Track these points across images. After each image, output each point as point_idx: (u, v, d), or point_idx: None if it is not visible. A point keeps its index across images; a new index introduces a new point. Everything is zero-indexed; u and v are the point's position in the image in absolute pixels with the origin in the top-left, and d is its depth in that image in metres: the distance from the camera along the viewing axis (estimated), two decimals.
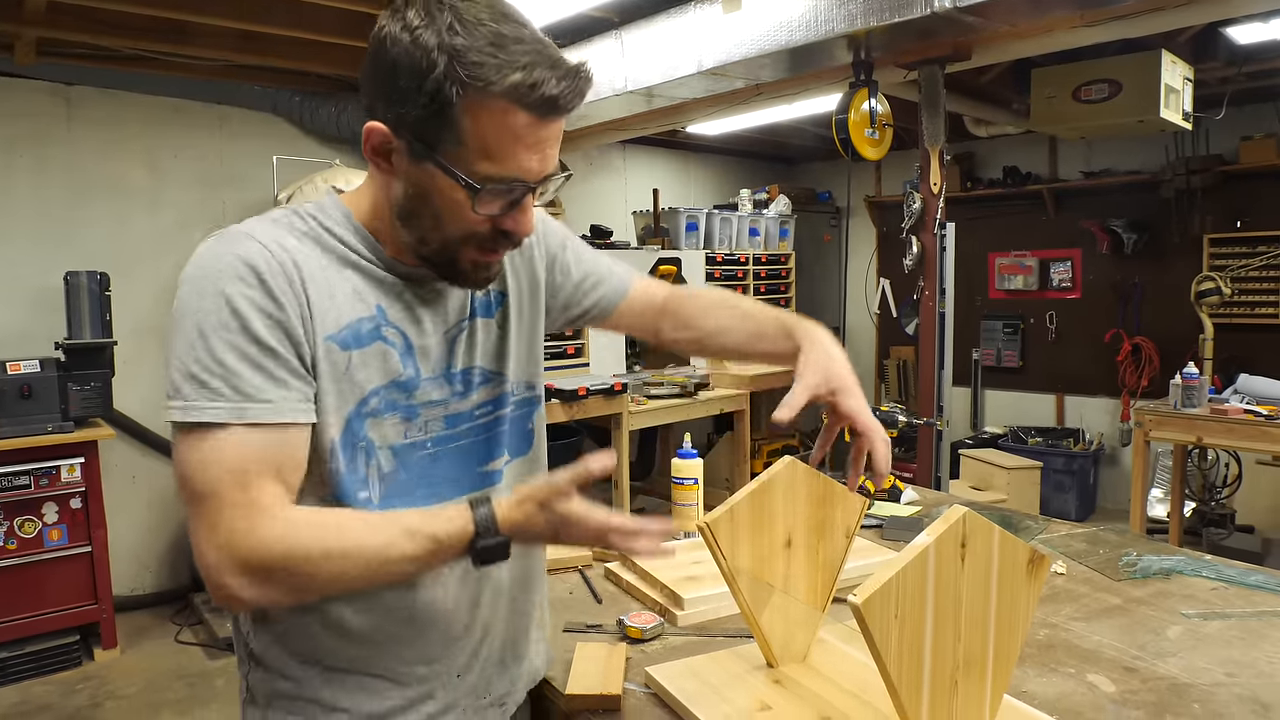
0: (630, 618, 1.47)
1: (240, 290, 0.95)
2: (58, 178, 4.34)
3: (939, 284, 3.83)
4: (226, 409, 0.93)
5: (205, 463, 0.93)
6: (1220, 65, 4.74)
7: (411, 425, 1.08)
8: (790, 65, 3.74)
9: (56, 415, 3.83)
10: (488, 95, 0.92)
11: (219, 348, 0.94)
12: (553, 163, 1.01)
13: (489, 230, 1.01)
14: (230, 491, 0.92)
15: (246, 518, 0.92)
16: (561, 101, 0.95)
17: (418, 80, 0.92)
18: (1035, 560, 1.03)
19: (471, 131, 0.94)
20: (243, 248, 0.97)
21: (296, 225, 1.04)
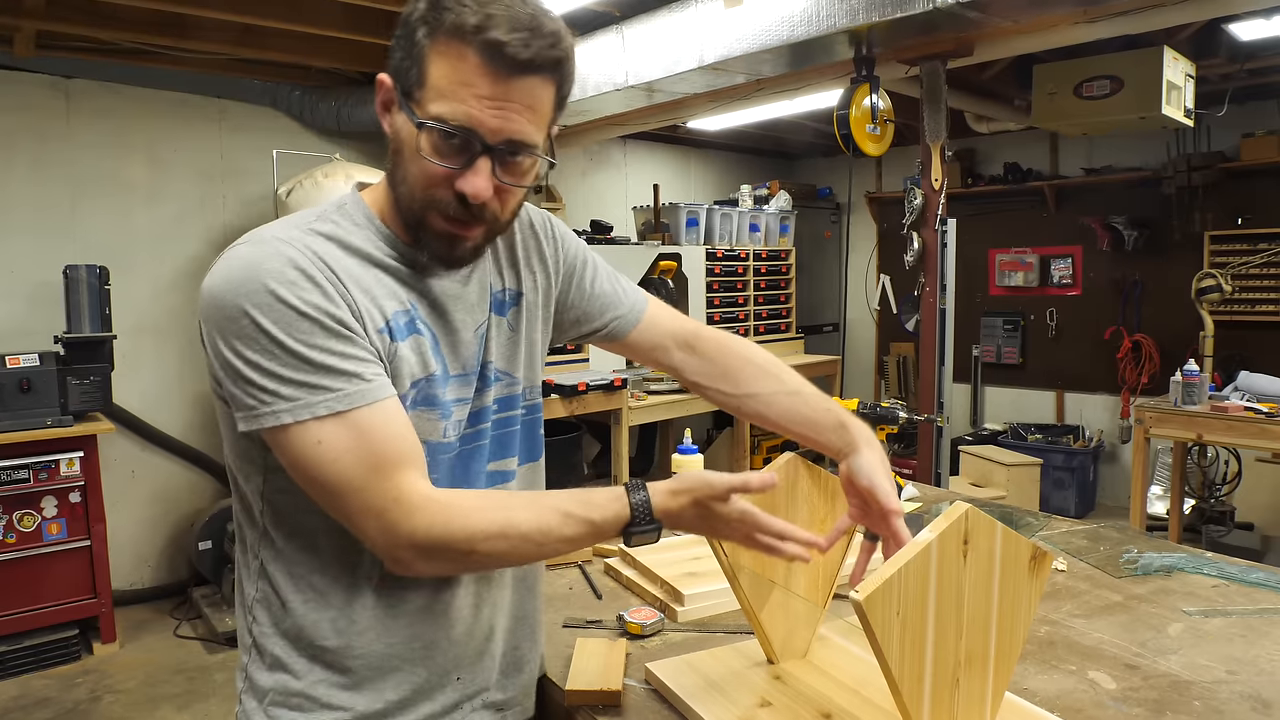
0: (630, 614, 1.46)
1: (298, 292, 0.95)
2: (57, 171, 4.33)
3: (940, 280, 3.83)
4: (336, 396, 0.95)
5: (335, 459, 0.95)
6: (1222, 62, 4.73)
7: (447, 424, 1.10)
8: (791, 60, 3.73)
9: (56, 409, 3.82)
10: (446, 36, 0.95)
11: (302, 349, 0.94)
12: (518, 130, 0.98)
13: (448, 193, 1.00)
14: (373, 484, 0.95)
15: (397, 510, 0.95)
16: (512, 52, 0.94)
17: (405, 25, 0.98)
18: (1037, 557, 1.03)
19: (431, 72, 0.96)
20: (282, 252, 0.97)
21: (321, 228, 1.04)
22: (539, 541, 1.00)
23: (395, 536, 0.96)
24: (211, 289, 0.97)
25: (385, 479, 0.95)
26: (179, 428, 4.74)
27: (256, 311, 0.94)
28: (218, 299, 0.96)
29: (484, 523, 0.98)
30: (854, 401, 2.41)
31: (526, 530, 0.99)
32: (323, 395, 0.95)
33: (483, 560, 1.02)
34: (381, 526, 0.96)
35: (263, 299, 0.94)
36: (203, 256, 4.76)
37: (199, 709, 3.51)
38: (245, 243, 1.00)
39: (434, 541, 0.96)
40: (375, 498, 0.95)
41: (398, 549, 0.97)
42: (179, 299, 4.70)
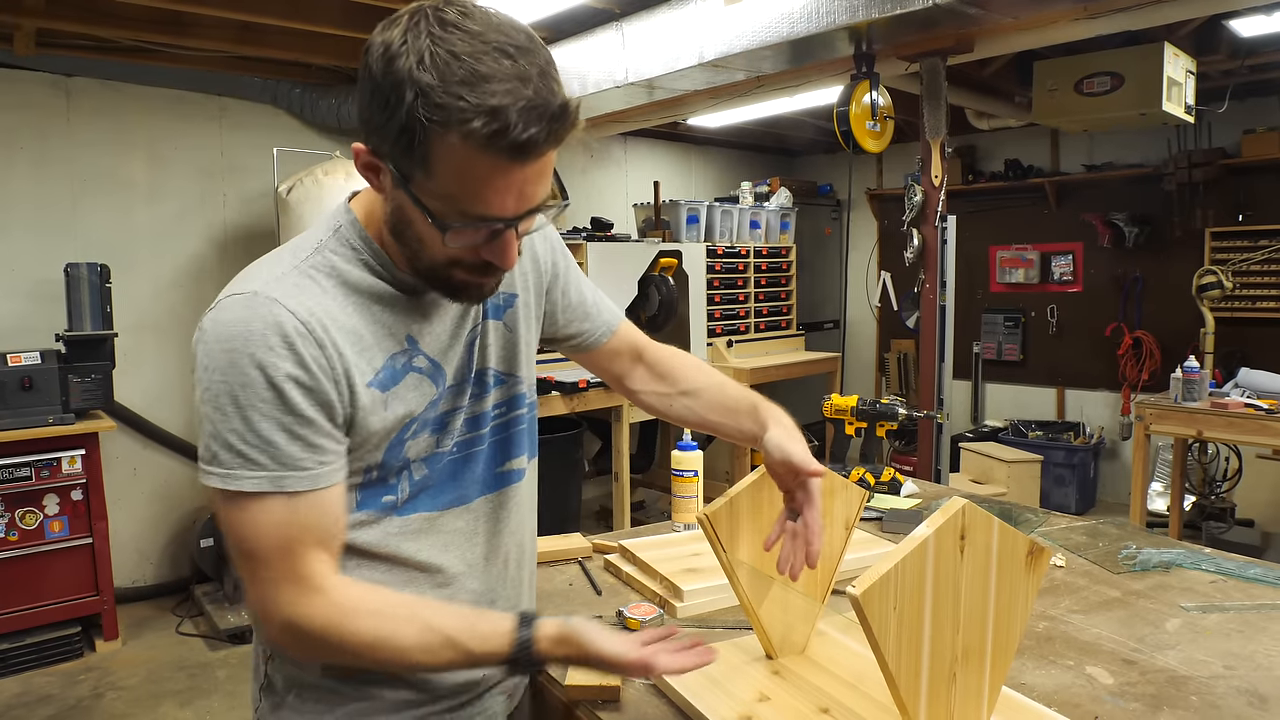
0: (629, 609, 1.47)
1: (273, 361, 0.95)
2: (57, 169, 4.33)
3: (940, 277, 3.83)
4: (267, 478, 0.95)
5: (251, 531, 0.96)
6: (1223, 58, 4.73)
7: (443, 435, 1.11)
8: (791, 57, 3.73)
9: (57, 407, 3.83)
10: (450, 138, 0.88)
11: (255, 419, 0.95)
12: (535, 198, 0.97)
13: (471, 254, 1.00)
14: (279, 560, 0.97)
15: (293, 588, 0.97)
16: (530, 147, 0.90)
17: (390, 112, 0.90)
18: (1035, 552, 1.03)
19: (440, 170, 0.91)
20: (271, 314, 0.96)
21: (318, 266, 1.03)
22: (415, 664, 1.03)
23: (276, 614, 0.97)
24: (203, 344, 0.97)
25: (290, 559, 0.97)
26: (180, 425, 4.74)
27: (229, 373, 0.94)
28: (205, 354, 0.96)
29: (368, 629, 0.98)
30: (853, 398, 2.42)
31: (407, 647, 1.00)
32: (256, 471, 0.95)
33: (355, 661, 1.03)
34: (267, 601, 0.97)
35: (239, 362, 0.94)
36: (204, 254, 4.76)
37: (201, 705, 3.52)
38: (242, 292, 0.98)
39: (311, 632, 0.98)
40: (274, 572, 0.97)
41: (272, 626, 0.99)
42: (180, 297, 4.70)
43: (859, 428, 2.42)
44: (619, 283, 5.12)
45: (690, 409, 1.40)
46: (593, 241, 5.00)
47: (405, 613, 1.01)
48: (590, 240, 5.00)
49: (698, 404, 1.39)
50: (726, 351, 5.82)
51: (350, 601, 0.99)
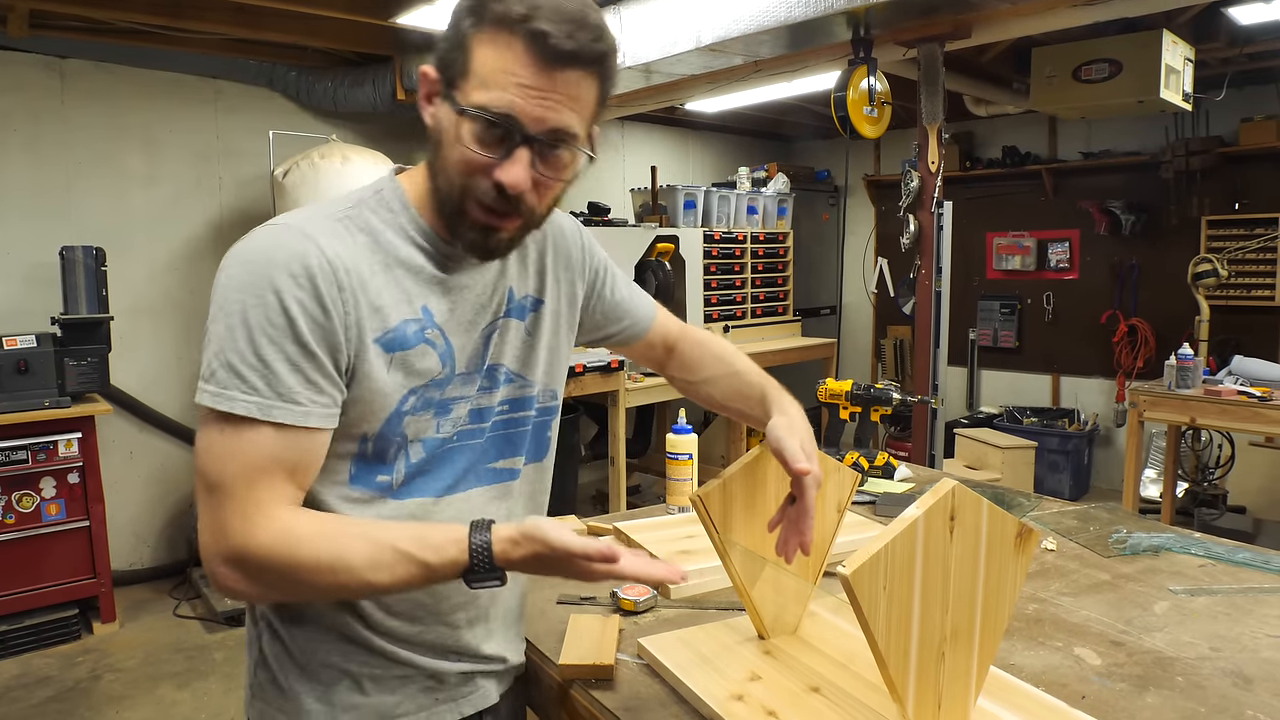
0: (623, 590, 1.48)
1: (291, 289, 0.96)
2: (52, 152, 4.32)
3: (936, 262, 3.83)
4: (257, 404, 0.95)
5: (224, 455, 0.95)
6: (1221, 46, 4.72)
7: (444, 420, 1.11)
8: (789, 42, 3.72)
9: (53, 390, 3.83)
10: (491, 25, 0.96)
11: (261, 342, 0.95)
12: (561, 119, 0.98)
13: (487, 182, 1.00)
14: (237, 486, 0.94)
15: (244, 515, 0.94)
16: (556, 43, 0.94)
17: (453, 16, 1.00)
18: (1023, 534, 1.04)
19: (475, 61, 0.97)
20: (300, 245, 0.98)
21: (352, 218, 1.05)
22: (368, 583, 0.97)
23: (223, 544, 0.94)
24: (226, 260, 0.99)
25: (251, 489, 0.95)
26: (177, 409, 4.75)
27: (245, 293, 0.96)
28: (224, 274, 0.98)
29: (315, 550, 0.95)
30: (848, 383, 2.43)
31: (357, 564, 0.95)
32: (249, 395, 0.95)
33: (305, 589, 0.99)
34: (216, 531, 0.95)
35: (258, 284, 0.96)
36: (199, 238, 4.75)
37: (199, 687, 3.54)
38: (276, 223, 1.02)
39: (256, 557, 0.94)
40: (231, 502, 0.94)
41: (217, 559, 0.95)
42: (176, 280, 4.70)
43: (853, 412, 2.43)
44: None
45: (711, 396, 1.44)
46: (589, 226, 4.98)
47: (355, 530, 0.99)
48: (587, 225, 4.98)
49: (716, 391, 1.43)
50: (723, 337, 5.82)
51: (300, 524, 0.97)
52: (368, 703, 1.11)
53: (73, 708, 3.38)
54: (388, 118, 5.13)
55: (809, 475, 1.16)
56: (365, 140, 5.06)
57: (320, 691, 1.10)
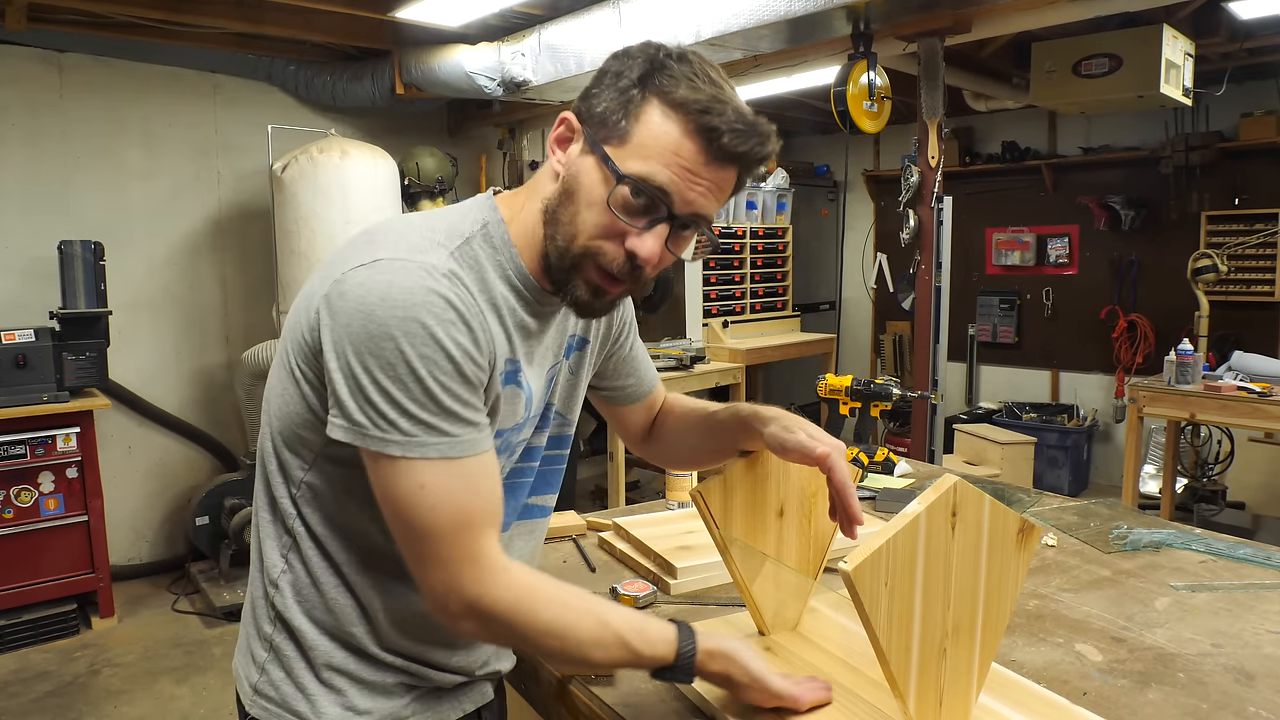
0: (624, 586, 1.48)
1: (446, 329, 0.94)
2: (50, 146, 4.31)
3: (935, 258, 3.83)
4: (449, 443, 0.95)
5: (432, 505, 0.95)
6: (1221, 40, 4.71)
7: (506, 460, 1.12)
8: (789, 36, 3.71)
9: (52, 385, 3.83)
10: (664, 103, 0.97)
11: (436, 389, 0.94)
12: (705, 205, 1.01)
13: (616, 245, 1.01)
14: (459, 536, 0.96)
15: (476, 568, 0.97)
16: (729, 144, 0.97)
17: (616, 77, 1.00)
18: (1025, 530, 1.04)
19: (639, 131, 0.98)
20: (435, 282, 0.95)
21: (466, 257, 1.03)
22: (585, 657, 1.01)
23: (460, 594, 0.97)
24: (363, 302, 0.94)
25: (469, 535, 0.96)
26: (175, 404, 4.74)
27: (404, 341, 0.93)
28: (367, 313, 0.93)
29: (550, 618, 0.99)
30: (848, 378, 2.42)
31: (583, 640, 1.00)
32: (439, 439, 0.95)
33: (528, 646, 1.05)
34: (450, 580, 0.96)
35: (415, 330, 0.93)
36: (198, 232, 4.74)
37: (197, 682, 3.54)
38: (394, 257, 0.96)
39: (497, 614, 0.97)
40: (455, 550, 0.96)
41: (456, 606, 0.97)
42: (175, 275, 4.69)
43: (853, 408, 2.43)
44: None
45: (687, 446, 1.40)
46: None
47: (582, 604, 1.02)
48: None
49: (693, 437, 1.37)
50: (722, 332, 5.81)
51: (533, 587, 0.99)
52: (377, 705, 1.09)
53: (71, 703, 3.38)
54: (387, 112, 5.12)
55: (830, 454, 1.13)
56: (364, 135, 5.04)
57: (332, 696, 1.08)
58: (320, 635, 1.09)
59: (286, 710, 1.09)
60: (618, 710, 1.14)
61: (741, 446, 1.27)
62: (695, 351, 5.17)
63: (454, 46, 4.40)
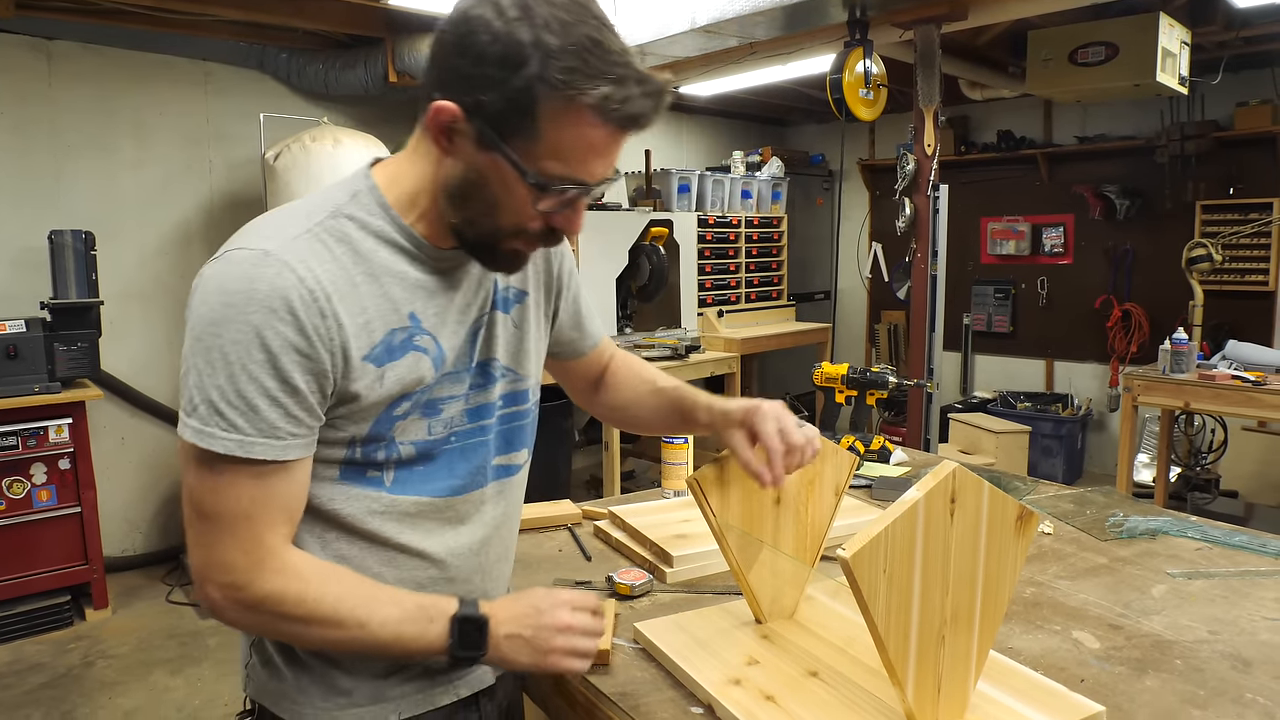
0: (619, 575, 1.47)
1: (273, 325, 0.94)
2: (40, 136, 4.27)
3: (931, 246, 3.82)
4: (238, 441, 0.94)
5: (215, 489, 0.96)
6: (1218, 29, 4.70)
7: (434, 421, 1.10)
8: (785, 23, 3.69)
9: (43, 376, 3.80)
10: (575, 103, 0.92)
11: (242, 380, 0.94)
12: (612, 168, 1.02)
13: (539, 225, 1.02)
14: (236, 523, 0.96)
15: (247, 554, 0.96)
16: (643, 120, 0.96)
17: (506, 73, 0.92)
18: (1024, 517, 1.03)
19: (549, 132, 0.94)
20: (279, 277, 0.94)
21: (331, 231, 1.01)
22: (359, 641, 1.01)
23: (229, 577, 0.97)
24: (204, 293, 0.96)
25: (250, 531, 0.96)
26: (169, 394, 4.72)
27: (225, 329, 0.93)
28: (203, 303, 0.95)
29: (309, 602, 0.98)
30: (844, 366, 2.42)
31: (350, 625, 1.00)
32: (230, 433, 0.94)
33: (300, 638, 1.03)
34: (221, 576, 0.97)
35: (235, 319, 0.93)
36: (190, 221, 4.71)
37: (192, 673, 3.53)
38: (252, 247, 0.97)
39: (256, 600, 0.97)
40: (231, 543, 0.96)
41: (217, 593, 0.97)
42: (166, 265, 4.66)
43: (849, 396, 2.42)
44: (610, 252, 5.09)
45: (639, 418, 1.42)
46: None
47: (354, 591, 1.01)
48: None
49: (643, 412, 1.40)
50: (717, 322, 5.80)
51: (302, 570, 0.99)
52: (361, 686, 1.10)
53: (65, 694, 3.37)
54: (379, 100, 5.08)
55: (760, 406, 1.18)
56: (357, 123, 5.01)
57: (317, 674, 1.10)
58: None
59: (274, 691, 1.11)
60: (614, 699, 1.13)
61: (682, 433, 1.31)
62: (690, 341, 5.16)
63: None
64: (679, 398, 1.34)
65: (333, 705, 1.10)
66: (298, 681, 1.10)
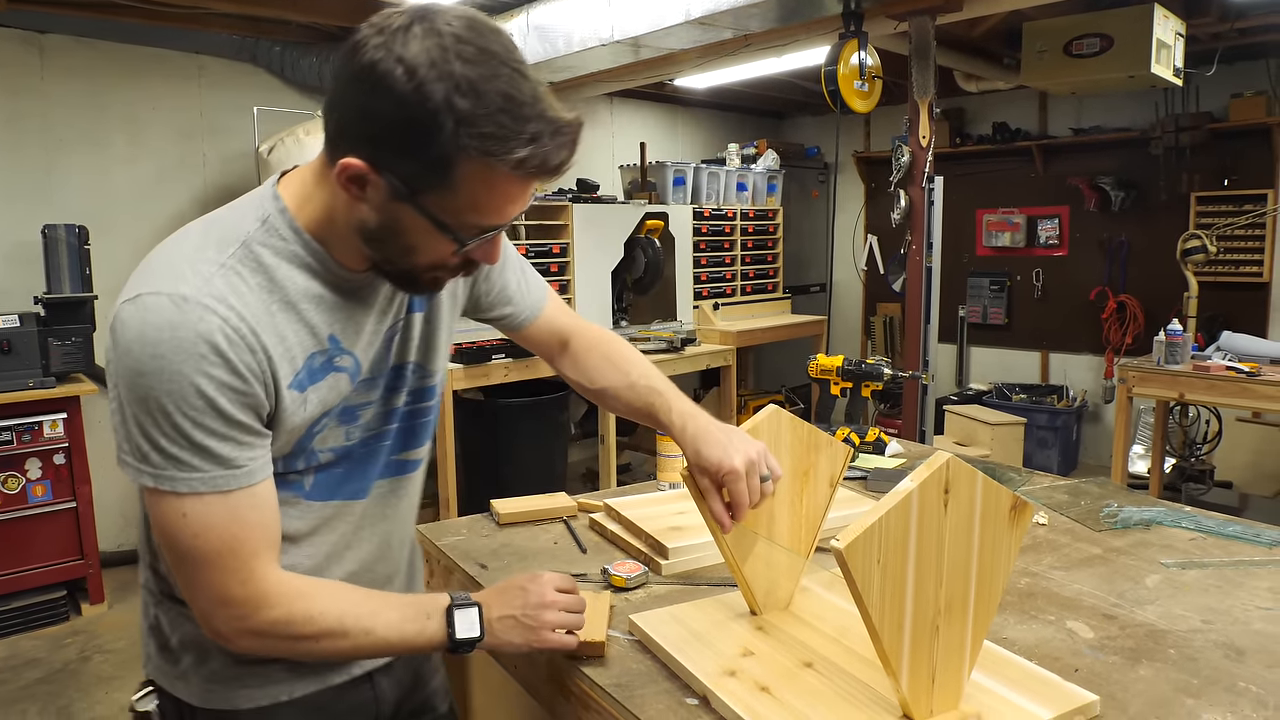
0: (614, 567, 1.47)
1: (204, 370, 0.93)
2: (32, 130, 4.25)
3: (926, 238, 3.82)
4: (202, 479, 0.96)
5: (190, 531, 0.96)
6: (1212, 21, 4.70)
7: (352, 428, 1.13)
8: (780, 15, 3.68)
9: (37, 371, 3.79)
10: (492, 166, 0.92)
11: (187, 427, 0.94)
12: (528, 204, 1.03)
13: (458, 260, 1.04)
14: (221, 558, 0.97)
15: (243, 585, 0.99)
16: (560, 168, 0.96)
17: (419, 137, 0.90)
18: (1018, 507, 1.03)
19: (465, 191, 0.94)
20: (200, 322, 0.93)
21: (244, 261, 1.00)
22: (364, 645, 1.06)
23: (229, 619, 1.00)
24: (124, 340, 0.94)
25: (239, 562, 0.98)
26: None
27: (155, 380, 0.92)
28: (126, 351, 0.94)
29: (314, 617, 1.02)
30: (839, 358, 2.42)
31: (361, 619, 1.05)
32: (191, 474, 0.95)
33: (311, 652, 1.05)
34: (225, 610, 0.99)
35: (164, 370, 0.92)
36: (185, 215, 4.69)
37: None
38: (167, 291, 0.94)
39: (268, 633, 1.01)
40: (225, 578, 0.98)
41: (226, 629, 1.00)
42: None
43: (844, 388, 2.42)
44: (605, 245, 5.09)
45: (614, 407, 1.44)
46: (578, 203, 4.96)
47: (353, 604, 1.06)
48: (576, 202, 4.96)
49: (618, 404, 1.42)
50: (713, 314, 5.81)
51: (300, 590, 1.03)
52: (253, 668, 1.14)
53: (61, 689, 3.36)
54: None
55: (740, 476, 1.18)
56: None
57: (211, 656, 1.13)
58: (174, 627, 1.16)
59: (169, 672, 1.19)
60: (610, 691, 1.13)
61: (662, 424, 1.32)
62: (686, 334, 5.17)
63: None
64: (650, 406, 1.34)
65: (224, 687, 1.14)
66: (193, 664, 1.14)
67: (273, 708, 1.15)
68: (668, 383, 1.37)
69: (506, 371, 4.43)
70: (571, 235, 4.90)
